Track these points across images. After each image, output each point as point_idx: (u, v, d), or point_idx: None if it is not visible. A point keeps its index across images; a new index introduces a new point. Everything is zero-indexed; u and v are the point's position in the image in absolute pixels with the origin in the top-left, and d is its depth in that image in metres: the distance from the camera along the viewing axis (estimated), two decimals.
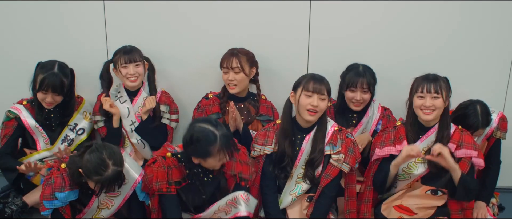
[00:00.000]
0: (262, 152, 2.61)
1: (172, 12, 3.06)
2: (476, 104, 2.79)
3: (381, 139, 2.65)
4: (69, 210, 2.40)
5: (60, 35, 3.12)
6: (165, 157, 2.42)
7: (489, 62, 3.02)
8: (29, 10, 3.09)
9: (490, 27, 3.00)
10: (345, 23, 3.04)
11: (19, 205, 2.85)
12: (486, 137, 2.86)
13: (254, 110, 2.98)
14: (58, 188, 2.33)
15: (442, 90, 2.51)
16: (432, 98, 2.51)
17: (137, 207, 2.49)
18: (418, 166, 2.60)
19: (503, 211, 3.05)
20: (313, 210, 2.57)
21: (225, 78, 2.90)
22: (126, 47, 2.92)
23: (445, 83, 2.55)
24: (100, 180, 2.22)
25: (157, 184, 2.38)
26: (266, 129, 2.65)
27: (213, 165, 2.37)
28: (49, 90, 2.76)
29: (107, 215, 2.45)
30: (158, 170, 2.39)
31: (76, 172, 2.30)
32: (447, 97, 2.53)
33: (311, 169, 2.55)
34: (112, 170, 2.23)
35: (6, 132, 2.86)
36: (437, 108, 2.51)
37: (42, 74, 2.76)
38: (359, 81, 2.78)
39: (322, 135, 2.55)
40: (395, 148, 2.59)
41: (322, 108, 2.49)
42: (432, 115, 2.53)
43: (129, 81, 2.91)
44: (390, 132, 2.65)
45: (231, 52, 2.90)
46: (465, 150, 2.54)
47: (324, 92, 2.48)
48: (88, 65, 3.11)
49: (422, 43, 3.05)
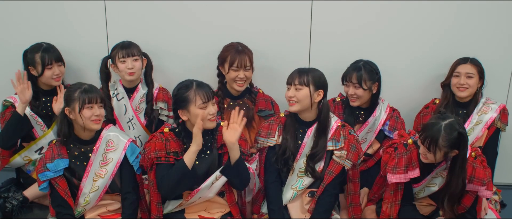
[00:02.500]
0: (266, 144, 2.60)
1: (171, 7, 3.06)
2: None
3: (394, 162, 2.47)
4: (64, 184, 2.45)
5: (61, 31, 3.13)
6: (163, 132, 2.47)
7: (492, 57, 3.01)
8: (29, 6, 3.09)
9: (493, 23, 3.00)
10: (347, 19, 3.04)
11: (19, 199, 2.87)
12: (487, 126, 2.86)
13: (252, 104, 2.98)
14: (48, 159, 2.44)
15: (436, 149, 2.30)
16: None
17: (129, 175, 2.53)
18: (425, 190, 2.56)
19: (505, 208, 3.04)
20: (316, 207, 2.56)
21: (233, 76, 2.88)
22: (124, 42, 2.94)
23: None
24: (79, 92, 2.41)
25: (156, 153, 2.41)
26: (269, 122, 2.65)
27: (200, 115, 2.35)
28: (53, 61, 2.88)
29: (102, 185, 2.49)
30: (156, 141, 2.43)
31: (63, 118, 2.45)
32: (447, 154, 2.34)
33: (311, 162, 2.54)
34: (88, 85, 2.47)
35: (5, 119, 2.88)
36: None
37: (36, 53, 2.87)
38: (350, 75, 2.80)
39: (323, 129, 2.54)
40: (407, 175, 2.46)
41: (300, 98, 2.49)
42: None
43: (127, 75, 2.91)
44: (402, 155, 2.47)
45: (236, 49, 2.88)
46: (473, 185, 2.42)
47: (297, 82, 2.48)
48: (88, 60, 3.13)
49: (425, 39, 3.05)
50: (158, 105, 3.02)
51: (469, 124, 2.86)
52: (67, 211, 2.46)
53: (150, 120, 3.01)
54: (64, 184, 2.45)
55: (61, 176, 2.45)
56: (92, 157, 2.49)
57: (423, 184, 2.54)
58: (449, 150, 2.31)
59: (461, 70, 2.85)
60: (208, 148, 2.49)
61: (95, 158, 2.49)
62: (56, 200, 2.47)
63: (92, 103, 2.41)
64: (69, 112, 2.42)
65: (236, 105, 2.95)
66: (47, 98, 2.97)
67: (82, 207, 2.51)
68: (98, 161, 2.49)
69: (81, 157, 2.49)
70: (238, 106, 2.93)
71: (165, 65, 3.14)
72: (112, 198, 2.57)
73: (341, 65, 2.90)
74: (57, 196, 2.45)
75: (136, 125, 2.99)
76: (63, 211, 2.46)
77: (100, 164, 2.49)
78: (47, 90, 2.98)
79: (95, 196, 2.50)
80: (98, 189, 2.49)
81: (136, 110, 2.99)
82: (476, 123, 2.87)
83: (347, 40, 3.07)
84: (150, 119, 3.01)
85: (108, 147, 2.50)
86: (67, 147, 2.48)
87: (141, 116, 3.00)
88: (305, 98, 2.49)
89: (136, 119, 2.98)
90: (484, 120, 2.86)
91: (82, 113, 2.39)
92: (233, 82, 2.90)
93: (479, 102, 2.89)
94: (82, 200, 2.49)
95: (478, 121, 2.87)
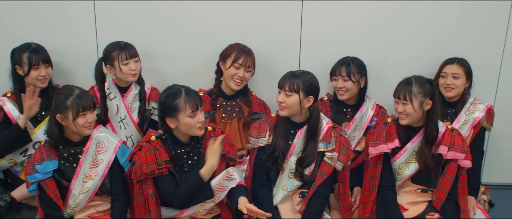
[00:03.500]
0: (256, 144, 2.61)
1: (163, 7, 3.04)
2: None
3: (374, 136, 2.65)
4: (53, 186, 2.43)
5: (49, 32, 3.09)
6: (150, 141, 2.45)
7: (480, 57, 3.04)
8: (18, 5, 3.07)
9: (482, 23, 3.03)
10: (337, 19, 3.05)
11: (7, 200, 2.83)
12: (473, 125, 2.89)
13: (246, 107, 2.97)
14: (37, 161, 2.42)
15: (412, 96, 2.49)
16: (403, 104, 2.53)
17: (119, 177, 2.52)
18: (408, 166, 2.61)
19: (493, 207, 3.07)
20: (308, 208, 2.56)
21: (233, 73, 2.86)
22: (121, 43, 2.89)
23: (422, 86, 2.52)
24: (73, 100, 2.37)
25: (148, 168, 2.38)
26: (260, 122, 2.65)
27: (189, 124, 2.37)
28: (40, 62, 2.84)
29: (92, 186, 2.47)
30: (146, 154, 2.40)
31: (53, 124, 2.42)
32: (424, 102, 2.50)
33: (300, 167, 2.54)
34: (79, 89, 2.43)
35: None
36: (409, 114, 2.52)
37: (24, 52, 2.83)
38: (339, 69, 2.85)
39: (312, 133, 2.54)
40: (387, 146, 2.60)
41: (289, 104, 2.49)
42: (405, 120, 2.55)
43: (130, 77, 2.89)
44: (381, 129, 2.65)
45: (243, 49, 2.88)
46: (453, 152, 2.55)
47: (287, 88, 2.48)
48: (78, 61, 3.10)
49: (415, 40, 3.07)
50: (150, 106, 3.00)
51: (457, 123, 2.89)
52: (56, 213, 2.45)
53: (142, 119, 2.99)
54: (53, 186, 2.43)
55: (50, 177, 2.43)
56: (82, 158, 2.47)
57: (404, 154, 2.59)
58: (423, 98, 2.50)
59: (448, 70, 2.88)
60: (195, 154, 2.49)
61: (85, 159, 2.47)
62: (45, 202, 2.45)
63: (86, 111, 2.39)
64: (62, 119, 2.39)
65: (228, 105, 2.95)
66: None
67: (71, 209, 2.49)
68: (88, 162, 2.47)
69: (70, 158, 2.47)
70: (230, 107, 2.95)
71: (156, 65, 3.12)
72: (101, 199, 2.56)
73: (331, 65, 2.92)
74: (46, 198, 2.43)
75: (128, 124, 2.97)
76: (53, 213, 2.44)
77: (90, 165, 2.48)
78: None
79: (85, 198, 2.48)
80: (88, 191, 2.47)
81: (129, 109, 2.97)
82: (464, 122, 2.90)
83: (337, 40, 3.07)
84: (143, 118, 2.99)
85: (98, 148, 2.49)
86: (56, 149, 2.46)
87: (134, 115, 2.98)
88: (295, 104, 2.49)
89: (129, 118, 2.97)
90: (471, 119, 2.89)
91: (76, 122, 2.38)
92: (230, 80, 2.89)
93: (467, 102, 2.92)
94: (71, 202, 2.48)
95: (465, 120, 2.90)
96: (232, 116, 2.94)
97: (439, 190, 2.60)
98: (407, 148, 2.61)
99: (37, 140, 2.89)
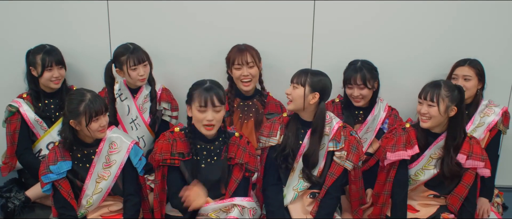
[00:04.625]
0: (267, 143, 2.60)
1: (174, 8, 3.06)
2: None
3: (392, 141, 2.59)
4: (67, 186, 2.46)
5: (63, 33, 3.12)
6: (173, 132, 2.49)
7: (494, 58, 3.01)
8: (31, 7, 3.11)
9: (495, 24, 3.00)
10: (349, 19, 3.04)
11: (21, 199, 2.87)
12: (488, 128, 2.86)
13: (262, 106, 2.99)
14: (52, 162, 2.44)
15: (439, 99, 2.44)
16: (428, 105, 2.48)
17: (132, 177, 2.54)
18: (424, 172, 2.59)
19: (507, 210, 3.04)
20: (319, 209, 2.56)
21: (238, 75, 2.89)
22: (130, 47, 2.88)
23: (451, 92, 2.46)
24: (85, 105, 2.37)
25: (161, 155, 2.43)
26: (272, 121, 2.64)
27: (196, 117, 2.41)
28: (53, 63, 2.88)
29: (105, 187, 2.49)
30: (163, 142, 2.45)
31: (67, 128, 2.43)
32: (449, 107, 2.46)
33: (307, 168, 2.53)
34: (91, 94, 2.42)
35: (13, 127, 2.90)
36: (433, 116, 2.47)
37: (38, 54, 2.88)
38: (354, 77, 2.81)
39: (314, 131, 2.52)
40: (407, 153, 2.55)
41: (294, 97, 2.49)
42: (427, 123, 2.50)
43: (139, 82, 2.91)
44: (400, 135, 2.59)
45: (238, 48, 2.90)
46: (472, 161, 2.51)
47: (295, 81, 2.49)
48: (90, 62, 3.13)
49: (427, 41, 3.05)
50: (161, 106, 3.02)
51: (471, 125, 2.86)
52: (70, 213, 2.47)
53: (154, 120, 3.01)
54: (67, 186, 2.45)
55: (64, 178, 2.45)
56: (95, 159, 2.49)
57: (421, 161, 2.56)
58: (450, 103, 2.44)
59: (459, 72, 2.85)
60: (216, 154, 2.50)
61: (98, 160, 2.49)
62: (59, 202, 2.47)
63: (98, 115, 2.41)
64: (75, 124, 2.41)
65: (245, 105, 2.97)
66: (50, 100, 2.97)
67: (85, 209, 2.52)
68: (101, 163, 2.49)
69: (84, 159, 2.50)
70: (246, 107, 2.96)
71: (168, 66, 3.14)
72: (114, 199, 2.58)
73: (343, 65, 2.91)
74: (60, 198, 2.46)
75: (139, 125, 2.99)
76: (66, 212, 2.47)
77: (103, 166, 2.50)
78: (49, 93, 2.98)
79: (98, 198, 2.51)
80: (101, 191, 2.50)
81: (140, 109, 2.99)
82: (478, 125, 2.86)
83: (349, 40, 3.06)
84: (154, 118, 3.00)
85: (111, 149, 2.51)
86: (70, 149, 2.49)
87: (145, 116, 3.00)
88: (299, 98, 2.48)
89: (141, 118, 2.99)
90: (487, 122, 2.85)
91: (89, 127, 2.40)
92: (239, 83, 2.91)
93: (480, 104, 2.89)
94: (84, 202, 2.50)
95: (480, 123, 2.86)
96: (249, 116, 2.96)
97: (454, 196, 2.57)
98: (424, 155, 2.57)
99: (51, 141, 2.92)
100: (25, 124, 2.90)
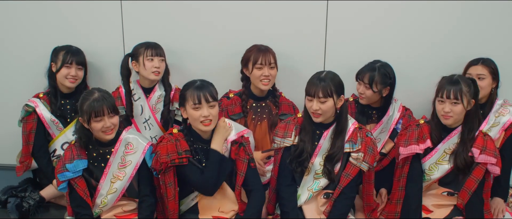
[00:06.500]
0: (282, 144, 2.60)
1: (187, 9, 3.07)
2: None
3: (405, 137, 2.62)
4: (83, 184, 2.47)
5: (77, 33, 3.14)
6: (172, 133, 2.51)
7: (508, 58, 2.98)
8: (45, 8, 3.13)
9: (509, 24, 2.98)
10: (362, 19, 3.03)
11: (36, 199, 2.89)
12: (504, 128, 2.84)
13: (275, 107, 2.99)
14: (68, 160, 2.46)
15: (463, 96, 2.45)
16: (452, 103, 2.47)
17: (147, 178, 2.55)
18: (438, 167, 2.58)
19: None
20: (333, 210, 2.55)
21: (258, 75, 2.88)
22: (151, 42, 2.95)
23: (469, 86, 2.47)
24: (88, 104, 2.40)
25: (168, 156, 2.43)
26: (286, 122, 2.64)
27: (193, 116, 2.44)
28: (73, 62, 2.92)
29: (120, 187, 2.51)
30: (167, 143, 2.46)
31: (81, 126, 2.46)
32: (470, 102, 2.47)
33: (329, 164, 2.53)
34: (99, 94, 2.43)
35: (29, 127, 2.92)
36: (456, 114, 2.48)
37: (62, 51, 2.93)
38: (363, 74, 2.82)
39: (340, 131, 2.53)
40: (419, 147, 2.57)
41: (325, 110, 2.47)
42: (450, 120, 2.51)
43: (152, 75, 2.92)
44: (413, 130, 2.62)
45: (259, 48, 2.90)
46: (485, 156, 2.50)
47: (321, 95, 2.44)
48: (105, 61, 3.15)
49: (441, 40, 3.03)
50: (174, 106, 3.03)
51: (486, 125, 2.84)
52: (86, 212, 2.49)
53: (166, 121, 3.02)
54: (83, 185, 2.47)
55: (80, 176, 2.46)
56: (111, 159, 2.50)
57: (435, 155, 2.56)
58: (470, 98, 2.47)
59: (472, 71, 2.84)
60: None
61: (114, 160, 2.50)
62: (75, 201, 2.49)
63: (100, 116, 2.40)
64: (83, 121, 2.44)
65: (258, 107, 2.97)
66: (66, 101, 3.00)
67: (99, 208, 2.53)
68: (117, 163, 2.50)
69: (99, 159, 2.51)
70: (259, 109, 2.96)
71: (183, 66, 3.15)
72: (128, 199, 2.59)
73: (356, 64, 2.90)
74: (76, 196, 2.47)
75: (152, 125, 3.00)
76: (82, 211, 2.49)
77: (118, 166, 2.51)
78: (66, 93, 2.99)
79: (113, 198, 2.51)
80: (116, 191, 2.51)
81: (153, 110, 3.00)
82: (493, 124, 2.85)
83: (362, 39, 3.05)
84: (166, 120, 3.02)
85: (127, 149, 2.52)
86: (86, 148, 2.50)
87: (158, 116, 3.01)
88: (330, 109, 2.49)
89: (154, 118, 2.99)
90: (502, 122, 2.83)
91: (91, 126, 2.42)
92: (258, 82, 2.90)
93: (495, 103, 2.87)
94: (99, 201, 2.51)
95: (495, 122, 2.85)
96: (262, 117, 2.96)
97: (463, 190, 2.56)
98: (438, 149, 2.58)
99: (65, 141, 2.93)
100: (41, 124, 2.92)
